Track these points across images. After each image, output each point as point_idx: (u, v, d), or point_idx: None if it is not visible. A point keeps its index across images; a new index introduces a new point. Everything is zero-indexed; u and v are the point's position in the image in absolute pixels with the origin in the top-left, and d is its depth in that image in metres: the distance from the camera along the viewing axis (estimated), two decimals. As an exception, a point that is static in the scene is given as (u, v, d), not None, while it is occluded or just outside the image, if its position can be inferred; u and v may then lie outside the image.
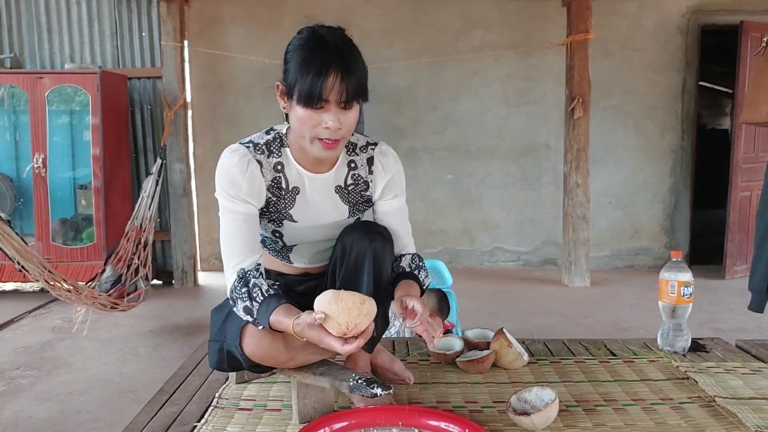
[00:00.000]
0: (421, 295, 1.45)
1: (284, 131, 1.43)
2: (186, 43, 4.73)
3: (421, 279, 1.47)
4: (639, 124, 5.06)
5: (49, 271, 2.91)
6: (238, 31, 5.00)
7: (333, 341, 1.19)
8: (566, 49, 4.50)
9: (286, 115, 1.44)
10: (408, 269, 1.47)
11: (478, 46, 5.01)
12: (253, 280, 1.32)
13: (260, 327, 1.32)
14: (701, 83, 5.68)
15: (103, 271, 3.60)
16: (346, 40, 1.29)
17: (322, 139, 1.30)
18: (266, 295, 1.30)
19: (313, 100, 1.24)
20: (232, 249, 1.37)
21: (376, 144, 1.50)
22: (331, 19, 5.17)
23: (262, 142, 1.41)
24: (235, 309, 1.35)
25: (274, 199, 1.41)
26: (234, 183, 1.35)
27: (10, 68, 4.63)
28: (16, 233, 2.83)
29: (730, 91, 7.15)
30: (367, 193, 1.49)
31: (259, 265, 1.38)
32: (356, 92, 1.27)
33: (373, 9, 5.01)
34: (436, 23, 5.02)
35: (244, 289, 1.32)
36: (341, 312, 1.19)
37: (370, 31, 4.96)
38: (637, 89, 5.02)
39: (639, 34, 4.99)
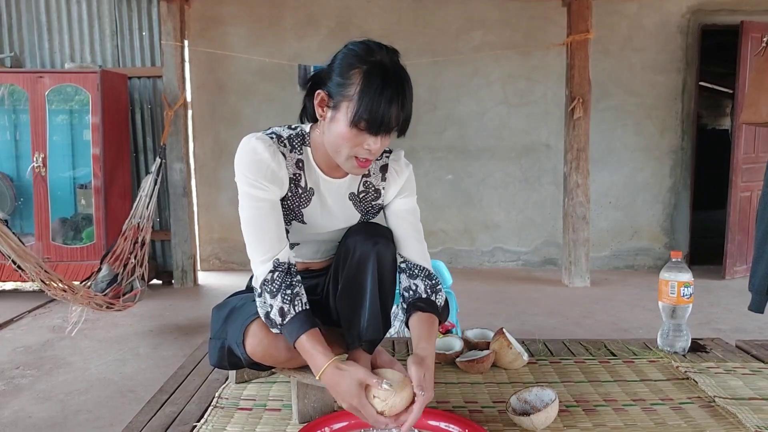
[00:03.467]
0: (441, 323, 1.44)
1: (308, 130, 1.42)
2: (186, 42, 4.73)
3: (439, 305, 1.44)
4: (639, 124, 5.06)
5: (45, 271, 2.91)
6: (238, 31, 5.00)
7: (377, 416, 1.20)
8: (566, 49, 4.50)
9: (301, 117, 1.43)
10: (425, 295, 1.42)
11: (478, 46, 5.01)
12: (298, 287, 1.32)
13: (276, 330, 1.31)
14: (701, 83, 5.68)
15: (99, 270, 3.59)
16: (403, 68, 1.30)
17: (358, 158, 1.30)
18: (306, 308, 1.30)
19: (377, 127, 1.25)
20: (261, 238, 1.34)
21: (390, 151, 1.49)
22: (331, 18, 5.15)
23: (285, 135, 1.39)
24: (260, 299, 1.32)
25: (290, 194, 1.40)
26: (261, 169, 1.33)
27: (10, 67, 4.63)
28: (13, 233, 2.83)
29: (730, 92, 7.15)
30: (378, 202, 1.49)
31: (293, 262, 1.37)
32: (407, 124, 1.31)
33: (373, 9, 5.01)
34: (436, 23, 5.02)
35: (288, 291, 1.30)
36: (399, 399, 1.21)
37: (370, 31, 4.96)
38: (637, 89, 5.02)
39: (639, 34, 4.99)
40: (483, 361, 1.68)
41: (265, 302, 1.31)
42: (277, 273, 1.31)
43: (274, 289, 1.30)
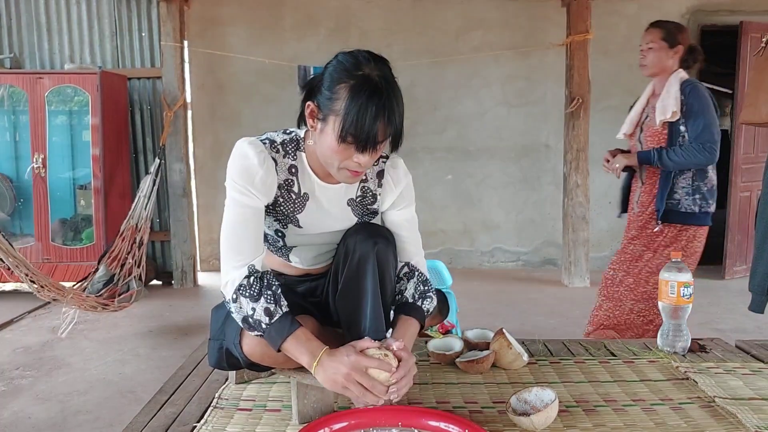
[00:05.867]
0: (421, 329, 1.45)
1: (302, 135, 1.42)
2: (186, 43, 4.73)
3: (424, 310, 1.45)
4: (639, 124, 5.05)
5: (33, 273, 2.90)
6: (238, 32, 5.00)
7: (379, 374, 1.24)
8: (566, 50, 4.50)
9: (299, 122, 1.43)
10: (411, 300, 1.44)
11: (478, 47, 5.01)
12: (278, 289, 1.32)
13: (256, 334, 1.30)
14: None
15: (96, 270, 3.59)
16: (392, 81, 1.29)
17: (349, 169, 1.31)
18: (288, 309, 1.31)
19: (363, 143, 1.26)
20: (239, 244, 1.34)
21: (387, 157, 1.49)
22: (331, 19, 5.15)
23: (278, 140, 1.40)
24: (235, 305, 1.31)
25: (282, 200, 1.41)
26: (248, 175, 1.33)
27: (10, 68, 4.63)
28: (2, 235, 2.83)
29: (730, 92, 7.15)
30: (374, 206, 1.49)
31: (267, 270, 1.37)
32: (398, 138, 1.32)
33: (373, 9, 5.02)
34: (436, 23, 5.02)
35: (269, 291, 1.29)
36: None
37: (370, 31, 4.96)
38: (636, 89, 4.97)
39: (638, 35, 4.93)
40: (483, 362, 1.67)
41: (241, 307, 1.30)
42: (253, 278, 1.31)
43: (255, 293, 1.29)
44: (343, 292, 1.41)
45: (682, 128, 2.45)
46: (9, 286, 4.64)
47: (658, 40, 2.59)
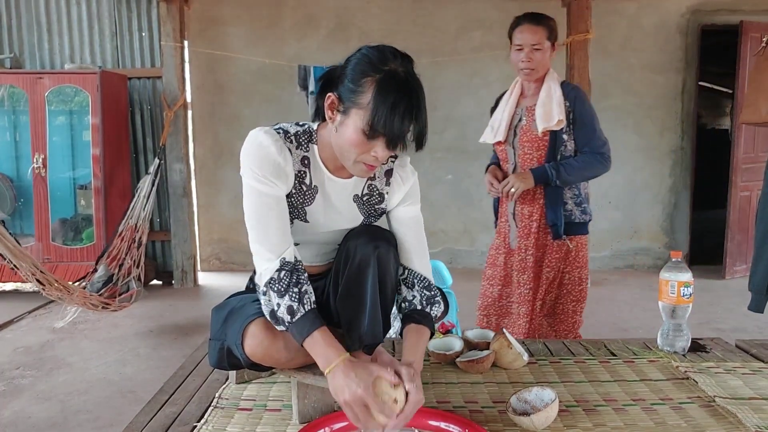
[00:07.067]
0: (431, 336, 1.45)
1: (315, 127, 1.41)
2: (186, 43, 4.73)
3: (433, 315, 1.44)
4: (639, 124, 5.06)
5: (41, 272, 2.91)
6: (238, 32, 5.00)
7: (378, 416, 1.20)
8: (566, 50, 4.49)
9: (314, 118, 1.42)
10: (420, 307, 1.43)
11: (478, 47, 5.01)
12: (306, 285, 1.31)
13: (281, 328, 1.30)
14: (701, 83, 5.68)
15: (95, 270, 3.59)
16: (417, 78, 1.28)
17: (365, 163, 1.31)
18: (314, 306, 1.30)
19: (393, 143, 1.26)
20: (267, 234, 1.32)
21: (395, 156, 1.49)
22: (331, 19, 5.13)
23: (292, 131, 1.39)
24: (264, 297, 1.31)
25: (294, 191, 1.40)
26: (268, 163, 1.32)
27: (10, 68, 4.63)
28: (10, 233, 2.83)
29: (730, 92, 7.15)
30: (381, 206, 1.49)
31: (299, 260, 1.36)
32: (423, 136, 1.30)
33: (373, 9, 5.02)
34: (435, 23, 5.02)
35: (296, 289, 1.29)
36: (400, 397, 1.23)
37: (370, 31, 4.96)
38: (636, 89, 5.02)
39: (638, 35, 4.99)
40: (483, 361, 1.67)
41: (270, 300, 1.30)
42: (284, 272, 1.30)
43: (282, 288, 1.29)
44: (343, 295, 1.40)
45: (565, 137, 2.26)
46: (9, 286, 4.64)
47: (545, 40, 2.28)
